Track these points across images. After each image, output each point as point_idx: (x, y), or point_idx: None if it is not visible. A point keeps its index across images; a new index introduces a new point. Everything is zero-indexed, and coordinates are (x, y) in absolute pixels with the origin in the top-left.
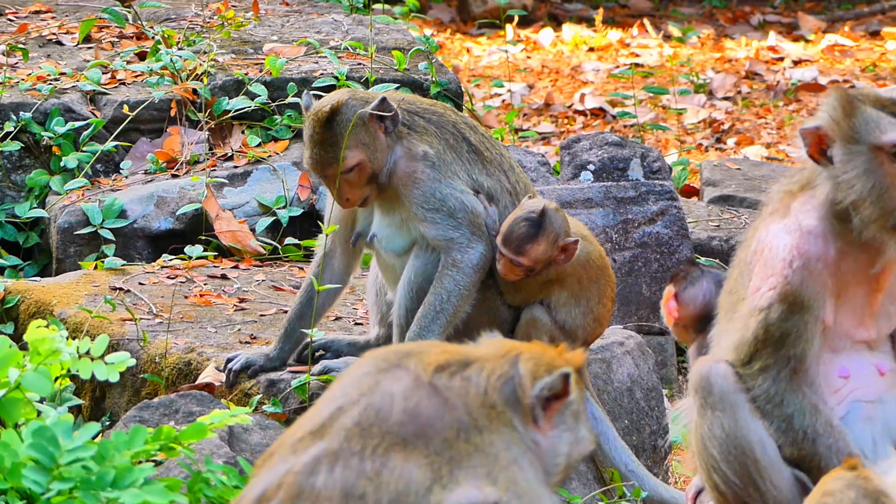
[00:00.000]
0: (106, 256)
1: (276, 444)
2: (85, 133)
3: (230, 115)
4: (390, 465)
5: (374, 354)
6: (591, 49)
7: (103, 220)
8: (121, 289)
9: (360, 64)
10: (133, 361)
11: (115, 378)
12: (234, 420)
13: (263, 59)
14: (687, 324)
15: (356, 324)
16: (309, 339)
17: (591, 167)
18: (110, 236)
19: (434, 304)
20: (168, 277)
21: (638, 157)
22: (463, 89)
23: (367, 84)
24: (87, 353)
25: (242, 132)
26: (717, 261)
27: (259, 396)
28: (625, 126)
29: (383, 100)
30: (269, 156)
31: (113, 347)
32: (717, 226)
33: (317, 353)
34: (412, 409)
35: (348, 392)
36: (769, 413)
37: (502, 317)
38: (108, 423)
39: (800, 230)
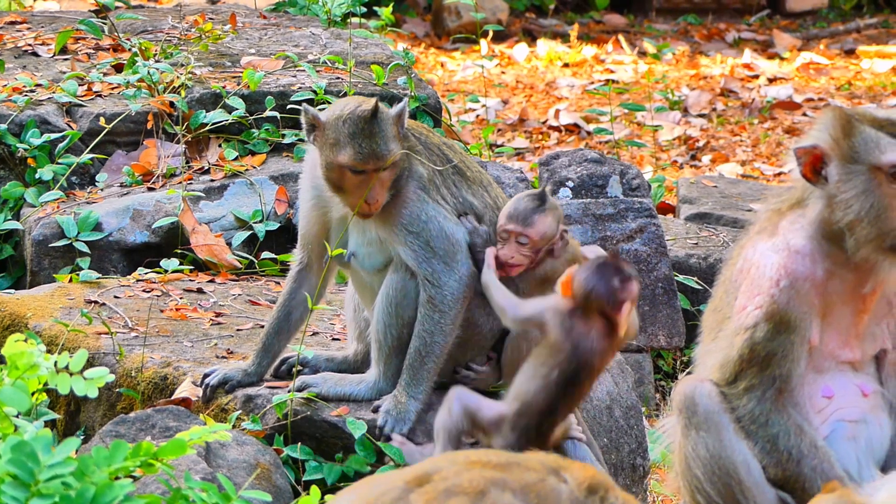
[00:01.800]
0: (81, 269)
1: (441, 459)
2: (61, 145)
3: (207, 128)
4: None
5: (533, 454)
6: (566, 65)
7: (78, 233)
8: (96, 302)
9: (338, 78)
10: (112, 377)
11: (93, 393)
12: (214, 436)
13: (241, 73)
14: None
15: (333, 339)
16: (286, 356)
17: (570, 184)
18: (85, 249)
19: (420, 350)
20: (144, 291)
21: (617, 174)
22: (442, 104)
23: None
24: (66, 367)
25: (219, 146)
26: (695, 279)
27: (238, 412)
28: (600, 142)
29: (406, 102)
30: (246, 169)
31: (89, 362)
32: (696, 243)
33: (294, 370)
34: None
35: (520, 458)
36: (754, 433)
37: (484, 330)
38: (82, 438)
39: (788, 249)
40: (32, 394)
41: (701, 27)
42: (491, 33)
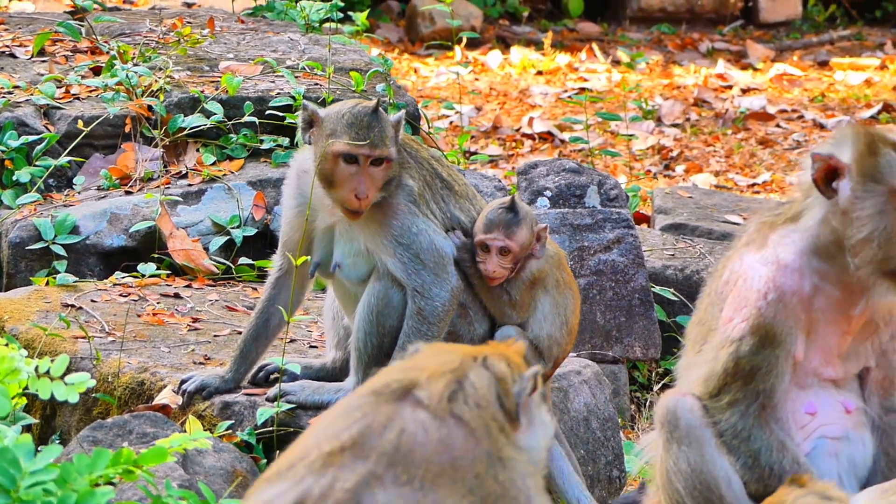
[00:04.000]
0: (57, 272)
1: (293, 457)
2: (38, 147)
3: (185, 132)
4: (439, 499)
5: (370, 388)
6: (540, 72)
7: (55, 236)
8: (73, 306)
9: (316, 84)
10: (93, 382)
11: (74, 399)
12: (195, 444)
13: (219, 77)
14: None
15: (311, 346)
16: (264, 362)
17: (548, 193)
18: (62, 252)
19: (400, 357)
20: (120, 295)
21: (595, 184)
22: (420, 112)
23: (324, 104)
24: (47, 372)
25: (197, 150)
26: (672, 290)
27: (230, 422)
28: (573, 151)
29: (403, 113)
30: (224, 174)
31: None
32: (672, 255)
33: (272, 377)
34: (446, 440)
35: (369, 413)
36: (736, 448)
37: (464, 339)
38: (58, 442)
39: (777, 262)
40: (12, 398)
41: (674, 36)
42: (464, 40)
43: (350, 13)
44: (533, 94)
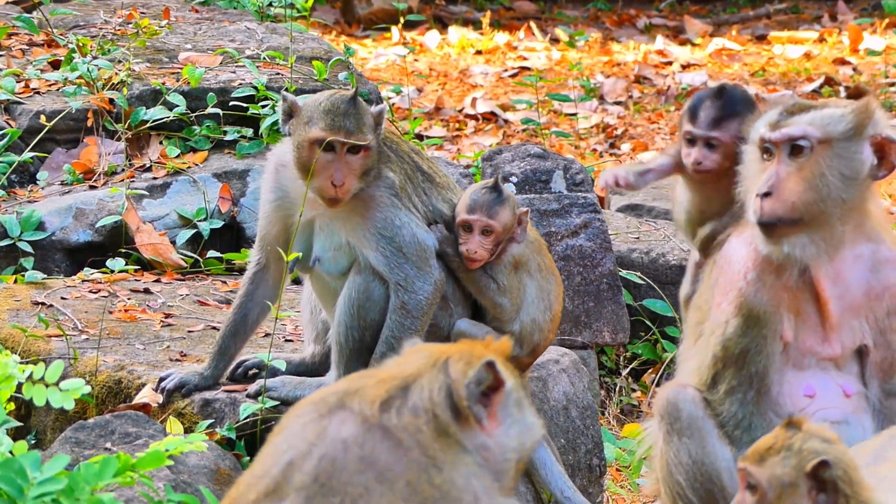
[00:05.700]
0: (25, 269)
1: (235, 496)
2: (0, 143)
3: (148, 125)
4: None
5: (312, 399)
6: (479, 52)
7: (21, 233)
8: (43, 303)
9: (278, 73)
10: (88, 389)
11: (70, 406)
12: (190, 447)
13: (179, 68)
14: None
15: (286, 340)
16: (242, 358)
17: (514, 179)
18: (29, 249)
19: (386, 355)
20: (90, 291)
21: (560, 168)
22: (383, 100)
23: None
24: (42, 378)
25: (160, 143)
26: (638, 273)
27: (211, 420)
28: (517, 131)
29: (386, 105)
30: (189, 167)
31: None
32: (637, 238)
33: (250, 372)
34: (368, 457)
35: (295, 444)
36: (738, 439)
37: (444, 331)
38: (33, 443)
39: (755, 242)
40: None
41: (611, 13)
42: (402, 20)
43: None
44: (473, 73)
